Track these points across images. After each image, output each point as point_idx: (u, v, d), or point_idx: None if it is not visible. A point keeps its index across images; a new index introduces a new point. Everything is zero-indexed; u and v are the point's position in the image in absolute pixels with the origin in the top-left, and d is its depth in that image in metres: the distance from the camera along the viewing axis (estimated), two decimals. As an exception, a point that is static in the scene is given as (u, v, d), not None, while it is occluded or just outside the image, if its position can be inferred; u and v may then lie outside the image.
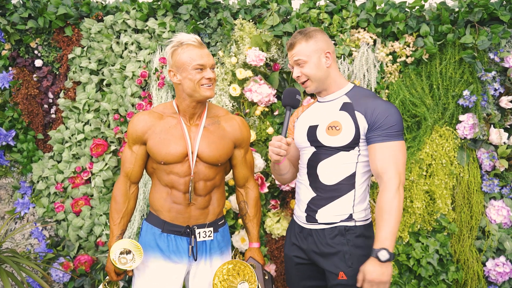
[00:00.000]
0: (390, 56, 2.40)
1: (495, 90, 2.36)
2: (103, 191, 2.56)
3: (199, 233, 1.74)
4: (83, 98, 2.60)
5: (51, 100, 2.70)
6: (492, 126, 2.38)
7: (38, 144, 2.71)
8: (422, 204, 2.37)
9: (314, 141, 1.70)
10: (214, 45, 2.53)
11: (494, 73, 2.33)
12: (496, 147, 2.39)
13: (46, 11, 2.55)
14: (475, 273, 2.35)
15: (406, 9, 2.39)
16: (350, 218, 1.64)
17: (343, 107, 1.68)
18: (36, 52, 2.68)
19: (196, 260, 1.72)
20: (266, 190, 2.42)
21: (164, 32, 2.55)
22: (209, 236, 1.75)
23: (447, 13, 2.31)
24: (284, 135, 1.64)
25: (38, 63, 2.66)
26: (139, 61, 2.59)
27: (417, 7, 2.40)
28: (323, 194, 1.67)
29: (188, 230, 1.73)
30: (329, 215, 1.66)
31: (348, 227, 1.63)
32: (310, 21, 2.45)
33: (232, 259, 1.84)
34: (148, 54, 2.59)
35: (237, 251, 1.96)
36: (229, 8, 2.52)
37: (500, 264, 2.32)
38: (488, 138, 2.39)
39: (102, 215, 2.53)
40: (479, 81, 2.37)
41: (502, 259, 2.33)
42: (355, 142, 1.63)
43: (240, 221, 2.45)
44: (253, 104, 2.47)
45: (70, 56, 2.63)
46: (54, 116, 2.71)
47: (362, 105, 1.64)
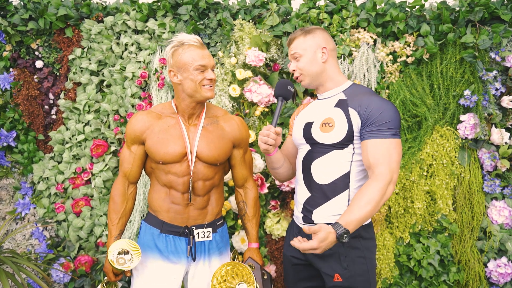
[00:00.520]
0: (391, 56, 2.39)
1: (497, 89, 2.35)
2: (103, 192, 2.56)
3: (198, 233, 1.73)
4: (83, 99, 2.61)
5: (51, 101, 2.71)
6: (493, 126, 2.37)
7: (38, 145, 2.72)
8: (423, 205, 2.36)
9: (309, 138, 1.69)
10: (213, 45, 2.53)
11: (495, 72, 2.32)
12: (498, 147, 2.37)
13: (47, 13, 2.56)
14: (476, 274, 2.33)
15: (406, 8, 2.38)
16: None
17: (338, 103, 1.66)
18: (36, 53, 2.68)
19: (194, 260, 1.72)
20: (266, 191, 2.42)
21: (164, 32, 2.55)
22: (207, 237, 1.75)
23: (447, 12, 2.30)
24: (274, 125, 1.63)
25: (39, 64, 2.67)
26: (139, 61, 2.59)
27: (417, 6, 2.39)
28: (318, 194, 1.64)
29: (186, 231, 1.72)
30: (324, 215, 1.63)
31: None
32: (310, 21, 2.44)
33: (231, 260, 1.83)
34: (148, 55, 2.59)
35: (236, 252, 1.95)
36: (228, 9, 2.52)
37: (501, 265, 2.30)
38: (489, 138, 2.37)
39: (102, 215, 2.53)
40: (480, 80, 2.35)
41: (504, 260, 2.31)
42: (349, 140, 1.60)
43: (240, 221, 2.44)
44: (253, 104, 2.46)
45: (71, 57, 2.64)
46: (54, 117, 2.71)
47: (357, 101, 1.61)
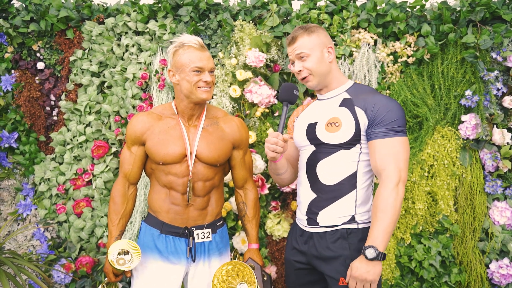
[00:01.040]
0: (391, 56, 2.38)
1: (498, 89, 2.34)
2: (104, 193, 2.56)
3: (198, 234, 1.73)
4: (84, 100, 2.61)
5: (53, 102, 2.72)
6: (495, 126, 2.36)
7: (40, 146, 2.72)
8: (424, 206, 2.35)
9: (313, 139, 1.66)
10: (214, 46, 2.53)
11: (496, 72, 2.31)
12: (499, 147, 2.35)
13: (48, 14, 2.57)
14: (478, 275, 2.32)
15: (407, 9, 2.38)
16: (352, 220, 1.59)
17: (343, 103, 1.63)
18: (38, 54, 2.70)
19: (194, 261, 1.72)
20: (266, 192, 2.41)
21: (164, 34, 2.56)
22: (207, 237, 1.75)
23: (448, 12, 2.29)
24: (280, 131, 1.58)
25: (40, 65, 2.68)
26: (140, 63, 2.60)
27: (418, 6, 2.39)
28: (324, 195, 1.61)
29: (186, 231, 1.72)
30: (330, 217, 1.61)
31: (350, 230, 1.58)
32: (310, 22, 2.44)
33: (231, 260, 1.83)
34: (149, 56, 2.60)
35: (236, 252, 1.95)
36: (229, 10, 2.52)
37: (503, 266, 2.29)
38: (491, 139, 2.36)
39: (103, 216, 2.53)
40: (481, 80, 2.35)
41: (506, 261, 2.30)
42: (356, 139, 1.58)
43: (240, 222, 2.44)
44: (253, 105, 2.46)
45: (72, 58, 2.65)
46: (56, 118, 2.72)
47: (362, 100, 1.59)
